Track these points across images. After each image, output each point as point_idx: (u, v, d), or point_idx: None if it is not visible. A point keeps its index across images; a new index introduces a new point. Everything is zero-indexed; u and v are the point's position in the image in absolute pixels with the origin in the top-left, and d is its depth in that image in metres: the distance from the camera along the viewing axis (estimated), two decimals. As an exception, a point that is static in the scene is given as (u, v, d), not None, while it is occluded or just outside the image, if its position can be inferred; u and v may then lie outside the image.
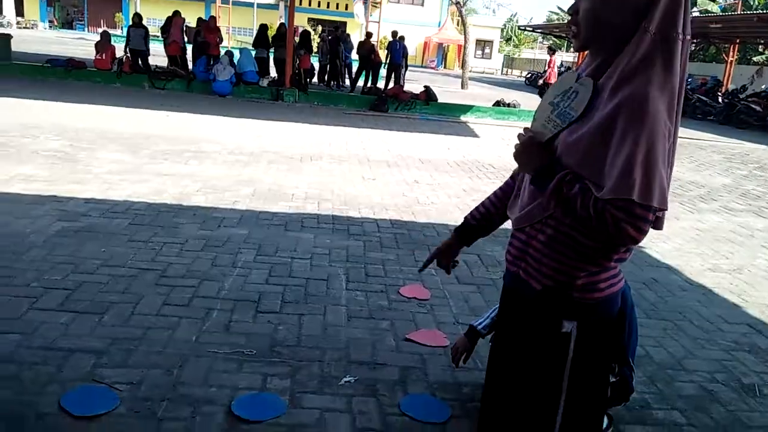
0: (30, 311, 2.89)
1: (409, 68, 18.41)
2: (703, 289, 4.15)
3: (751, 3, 28.25)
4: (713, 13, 28.04)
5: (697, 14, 26.80)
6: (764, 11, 19.31)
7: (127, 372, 2.49)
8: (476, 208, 1.80)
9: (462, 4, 23.31)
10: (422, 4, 42.03)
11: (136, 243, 3.93)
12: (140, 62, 13.65)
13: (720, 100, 19.63)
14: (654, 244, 4.96)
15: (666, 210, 1.27)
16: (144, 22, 14.16)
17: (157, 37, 16.93)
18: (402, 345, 2.95)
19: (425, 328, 3.13)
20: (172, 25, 13.97)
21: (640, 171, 1.19)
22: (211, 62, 13.52)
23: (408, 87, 15.50)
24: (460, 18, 25.87)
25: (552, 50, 18.33)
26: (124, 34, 13.83)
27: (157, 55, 15.42)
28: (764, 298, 4.07)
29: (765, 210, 6.90)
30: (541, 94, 17.20)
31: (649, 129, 1.19)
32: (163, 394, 2.37)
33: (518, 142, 1.44)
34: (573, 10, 1.36)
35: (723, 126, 17.39)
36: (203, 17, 17.65)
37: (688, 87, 21.00)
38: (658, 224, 1.34)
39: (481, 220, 1.78)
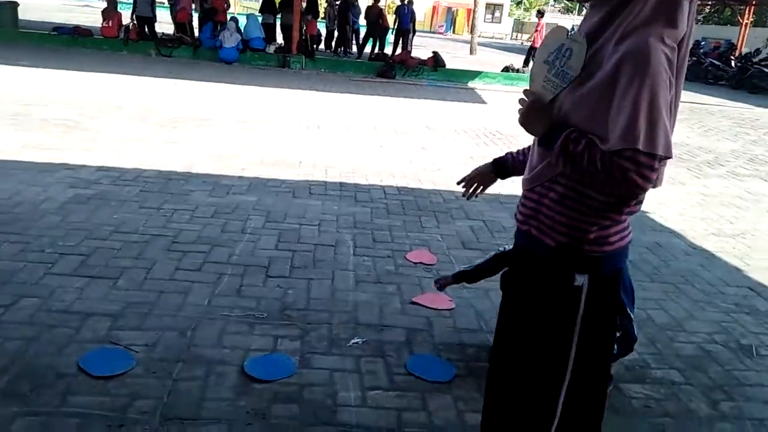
0: (46, 276, 2.99)
1: (417, 33, 18.20)
2: (705, 253, 4.19)
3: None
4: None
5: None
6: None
7: (142, 334, 2.58)
8: (518, 150, 1.86)
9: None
10: (430, -33, 41.21)
11: (147, 210, 4.01)
12: (147, 29, 13.57)
13: (733, 64, 19.30)
14: (658, 208, 4.99)
15: (671, 158, 1.30)
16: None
17: (163, 3, 16.75)
18: (408, 308, 3.02)
19: (431, 292, 3.20)
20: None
21: (644, 120, 1.22)
22: (218, 28, 13.40)
23: (416, 53, 15.34)
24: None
25: (540, 13, 17.84)
26: (131, 0, 13.68)
27: (163, 22, 15.31)
28: (767, 261, 4.11)
29: (774, 175, 6.88)
30: (527, 61, 16.91)
31: (652, 79, 1.21)
32: (177, 355, 2.46)
33: (521, 106, 1.47)
34: None
35: (735, 91, 17.16)
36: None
37: (701, 51, 20.64)
38: (659, 177, 1.36)
39: (517, 160, 1.84)
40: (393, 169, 5.58)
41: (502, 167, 1.89)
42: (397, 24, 16.59)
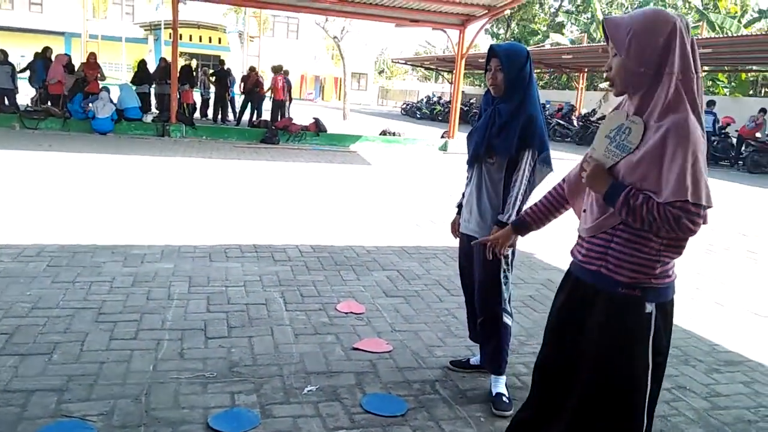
0: (-30, 358, 2.82)
1: (292, 101, 18.71)
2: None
3: (595, 36, 31.76)
4: (564, 45, 31.17)
5: (549, 47, 29.64)
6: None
7: (94, 404, 2.53)
8: (530, 208, 2.18)
9: (339, 38, 24.09)
10: (297, 38, 42.66)
11: (61, 284, 3.86)
12: (8, 101, 12.78)
13: (575, 123, 21.91)
14: (544, 249, 5.61)
15: (712, 207, 1.66)
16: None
17: (23, 76, 15.80)
18: (351, 354, 3.21)
19: (368, 338, 3.41)
20: (55, 61, 13.24)
21: (690, 178, 1.57)
22: (88, 99, 12.93)
23: (295, 120, 15.75)
24: (338, 52, 26.64)
25: (276, 70, 16.65)
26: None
27: (23, 94, 14.47)
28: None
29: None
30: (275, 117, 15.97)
31: (693, 146, 1.60)
32: (138, 420, 2.45)
33: (586, 170, 1.79)
34: (608, 67, 1.78)
35: (579, 145, 19.43)
36: (64, 52, 16.81)
37: (547, 113, 23.22)
38: (705, 220, 1.70)
39: (534, 217, 2.15)
40: (301, 229, 5.78)
41: (523, 227, 2.20)
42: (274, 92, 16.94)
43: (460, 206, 3.00)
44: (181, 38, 35.54)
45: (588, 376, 1.84)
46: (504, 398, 2.79)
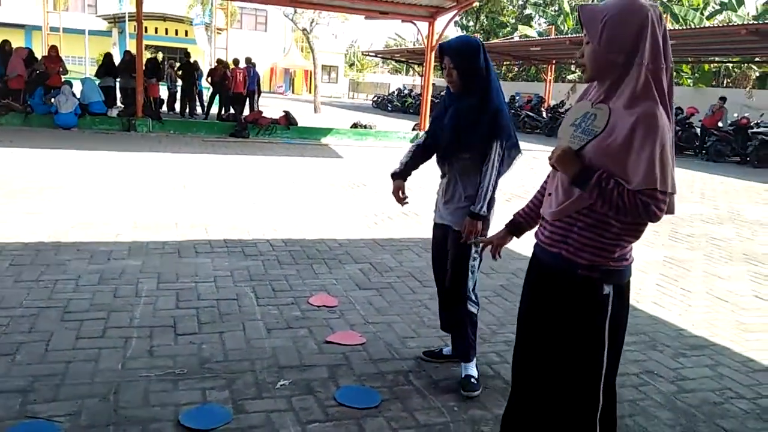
0: (-71, 361, 2.72)
1: (262, 94, 18.51)
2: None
3: (562, 28, 32.09)
4: (532, 37, 31.45)
5: (518, 39, 29.89)
6: (574, 35, 22.15)
7: (60, 405, 2.47)
8: (523, 208, 2.19)
9: (309, 31, 23.88)
10: (266, 30, 42.18)
11: (25, 283, 3.76)
12: (-36, 96, 12.35)
13: (544, 114, 22.13)
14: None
15: (675, 193, 1.71)
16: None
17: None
18: (324, 347, 3.20)
19: (341, 331, 3.40)
20: (14, 55, 12.82)
21: (659, 167, 1.63)
22: (50, 93, 12.58)
23: (265, 112, 15.59)
24: (307, 44, 26.42)
25: (236, 62, 16.71)
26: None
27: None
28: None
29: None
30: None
31: (661, 136, 1.64)
32: (106, 419, 2.40)
33: (555, 154, 1.80)
34: (580, 54, 1.80)
35: (549, 137, 19.61)
36: (24, 46, 16.32)
37: (517, 105, 23.42)
38: (671, 209, 1.75)
39: (527, 217, 2.16)
40: (272, 223, 5.72)
41: (517, 229, 2.21)
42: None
43: (393, 174, 2.99)
44: (146, 31, 34.81)
45: (550, 356, 1.90)
46: (472, 380, 2.84)
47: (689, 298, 4.47)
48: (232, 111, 15.75)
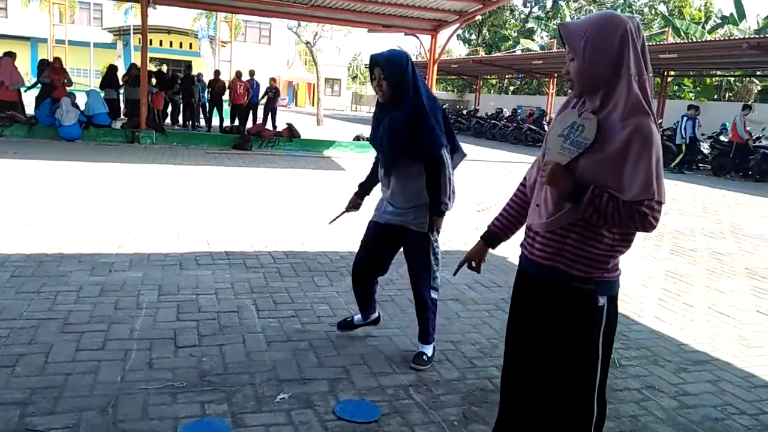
0: (-72, 373, 2.72)
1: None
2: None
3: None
4: (534, 51, 31.58)
5: (520, 53, 30.01)
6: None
7: (59, 417, 2.47)
8: (497, 218, 2.16)
9: (312, 44, 24.04)
10: (269, 43, 42.45)
11: (26, 294, 3.76)
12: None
13: (546, 128, 22.15)
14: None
15: (665, 203, 1.73)
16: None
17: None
18: (325, 360, 3.19)
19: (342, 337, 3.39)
20: (6, 65, 12.85)
21: (655, 179, 1.65)
22: (56, 104, 12.65)
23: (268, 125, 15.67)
24: (311, 57, 26.58)
25: (239, 75, 16.71)
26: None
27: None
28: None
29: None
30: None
31: (656, 149, 1.66)
32: (104, 432, 2.39)
33: (545, 172, 1.79)
34: (566, 71, 1.81)
35: (552, 150, 19.55)
36: (25, 56, 16.43)
37: (519, 118, 23.45)
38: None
39: (503, 227, 2.13)
40: (274, 236, 5.73)
41: (492, 240, 2.17)
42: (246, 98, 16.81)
43: (360, 186, 3.61)
44: (151, 43, 35.12)
45: (543, 369, 1.90)
46: (424, 356, 3.14)
47: (691, 312, 4.45)
48: (236, 123, 15.83)
